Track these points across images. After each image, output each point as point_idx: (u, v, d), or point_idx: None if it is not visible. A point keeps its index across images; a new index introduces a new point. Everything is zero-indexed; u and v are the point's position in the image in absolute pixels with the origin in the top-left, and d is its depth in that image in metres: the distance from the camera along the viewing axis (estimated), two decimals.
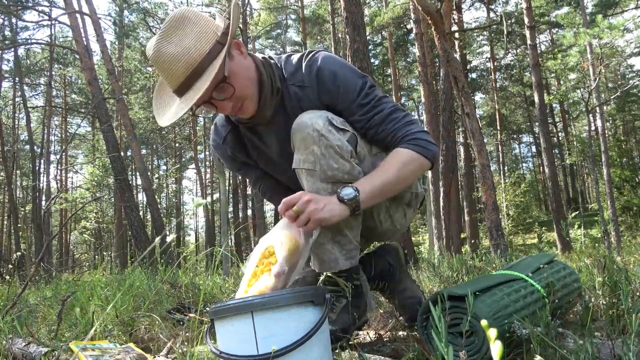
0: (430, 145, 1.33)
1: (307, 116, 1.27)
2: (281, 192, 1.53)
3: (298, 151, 1.29)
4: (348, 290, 1.36)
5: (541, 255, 1.48)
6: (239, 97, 1.27)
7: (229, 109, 1.28)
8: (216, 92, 1.23)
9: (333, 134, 1.25)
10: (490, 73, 25.87)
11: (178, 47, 1.16)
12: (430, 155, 1.32)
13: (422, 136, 1.33)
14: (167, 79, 1.20)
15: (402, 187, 1.36)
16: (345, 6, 6.04)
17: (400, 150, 1.32)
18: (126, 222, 13.25)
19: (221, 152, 1.54)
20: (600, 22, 11.18)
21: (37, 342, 1.41)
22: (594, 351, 0.94)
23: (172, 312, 1.91)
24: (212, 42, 1.19)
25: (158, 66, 1.19)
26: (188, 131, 27.43)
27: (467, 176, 16.25)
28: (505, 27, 13.56)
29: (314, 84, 1.33)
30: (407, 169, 1.30)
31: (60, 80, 22.88)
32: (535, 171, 34.72)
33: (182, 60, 1.16)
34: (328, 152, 1.24)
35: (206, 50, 1.17)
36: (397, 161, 1.30)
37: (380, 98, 1.35)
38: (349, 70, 1.34)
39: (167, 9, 20.83)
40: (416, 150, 1.31)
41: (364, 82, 1.34)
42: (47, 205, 16.38)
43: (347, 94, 1.32)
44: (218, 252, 2.05)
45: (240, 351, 0.97)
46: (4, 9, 12.65)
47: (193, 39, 1.17)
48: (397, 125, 1.34)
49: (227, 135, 1.49)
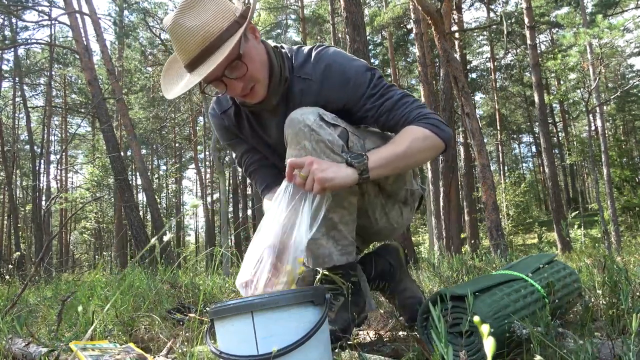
0: (445, 127, 1.31)
1: (299, 112, 1.28)
2: (265, 169, 1.54)
3: (290, 146, 1.29)
4: (345, 288, 1.34)
5: (541, 255, 1.48)
6: (251, 79, 1.27)
7: (239, 90, 1.28)
8: (229, 70, 1.23)
9: (324, 129, 1.25)
10: (490, 73, 25.87)
11: (196, 20, 1.17)
12: (444, 136, 1.30)
13: (436, 117, 1.32)
14: (181, 51, 1.21)
15: (413, 163, 1.32)
16: (345, 6, 6.04)
17: (412, 127, 1.30)
18: (126, 222, 13.25)
19: (217, 122, 1.54)
20: (600, 22, 11.18)
21: (37, 342, 1.41)
22: (594, 351, 0.94)
23: (172, 312, 1.91)
24: (230, 20, 1.20)
25: (174, 38, 1.20)
26: (188, 131, 27.43)
27: (467, 176, 16.24)
28: (505, 27, 13.54)
29: (319, 79, 1.34)
30: (418, 145, 1.27)
31: (60, 80, 22.87)
32: (535, 171, 34.72)
33: (199, 33, 1.17)
34: (319, 147, 1.24)
35: (224, 27, 1.18)
36: (408, 135, 1.28)
37: (389, 86, 1.36)
38: (358, 64, 1.35)
39: (167, 9, 20.84)
40: (430, 129, 1.29)
41: (373, 74, 1.35)
42: (47, 205, 16.39)
43: (357, 87, 1.33)
44: (218, 252, 2.05)
45: (240, 351, 0.97)
46: (4, 9, 12.65)
47: (212, 14, 1.18)
48: (409, 108, 1.33)
49: (229, 109, 1.50)
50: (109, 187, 22.07)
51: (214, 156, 19.46)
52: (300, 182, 1.17)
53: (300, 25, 23.92)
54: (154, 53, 20.00)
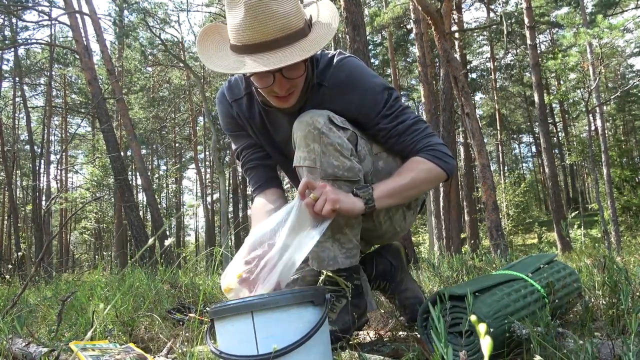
0: (449, 159, 1.37)
1: (308, 115, 1.28)
2: (262, 168, 1.54)
3: (299, 149, 1.29)
4: (348, 290, 1.35)
5: (541, 255, 1.48)
6: (298, 84, 1.27)
7: (284, 89, 1.25)
8: (289, 68, 1.20)
9: (333, 132, 1.26)
10: (490, 73, 25.87)
11: (281, 7, 1.14)
12: (448, 168, 1.36)
13: (442, 149, 1.37)
14: (252, 30, 1.14)
15: (416, 193, 1.39)
16: (345, 6, 6.04)
17: (417, 159, 1.36)
18: (126, 222, 13.25)
19: (225, 109, 1.51)
20: (600, 22, 11.19)
21: (37, 342, 1.41)
22: (594, 351, 0.94)
23: (172, 312, 1.91)
24: (303, 22, 1.20)
25: (250, 14, 1.12)
26: (188, 131, 27.44)
27: (467, 176, 16.25)
28: (505, 27, 13.55)
29: (337, 88, 1.34)
30: (422, 177, 1.34)
31: (60, 80, 22.87)
32: (535, 171, 34.74)
33: (281, 20, 1.14)
34: (328, 150, 1.25)
35: (300, 26, 1.18)
36: (413, 168, 1.35)
37: (404, 109, 1.39)
38: (377, 82, 1.36)
39: (167, 9, 20.85)
40: (434, 161, 1.35)
41: (390, 94, 1.37)
42: (47, 205, 16.38)
43: (374, 105, 1.35)
44: (218, 252, 2.05)
45: (240, 351, 0.97)
46: (4, 9, 12.65)
47: (294, 8, 1.17)
48: (419, 136, 1.37)
49: (241, 99, 1.47)
50: (109, 187, 22.08)
51: (214, 156, 19.45)
52: (310, 202, 1.17)
53: None
54: (154, 53, 19.99)
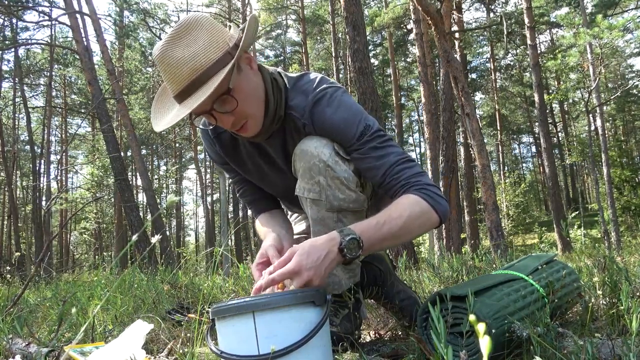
0: (443, 201, 1.23)
1: (313, 144, 1.24)
2: (260, 198, 1.55)
3: (302, 179, 1.27)
4: (350, 302, 1.40)
5: (541, 255, 1.48)
6: (241, 114, 1.21)
7: (229, 124, 1.22)
8: (218, 104, 1.17)
9: (339, 165, 1.24)
10: (490, 73, 25.89)
11: (186, 51, 1.11)
12: (441, 211, 1.22)
13: (435, 190, 1.23)
14: (169, 82, 1.15)
15: (405, 240, 1.26)
16: (345, 6, 6.05)
17: (411, 197, 1.20)
18: (126, 222, 13.25)
19: (208, 144, 1.48)
20: (600, 22, 11.19)
21: (38, 342, 1.41)
22: (594, 351, 0.94)
23: (172, 313, 1.91)
24: (222, 51, 1.13)
25: (162, 68, 1.14)
26: (188, 131, 27.42)
27: (467, 176, 16.24)
28: (505, 27, 13.55)
29: (311, 126, 1.28)
30: (415, 222, 1.19)
31: (60, 81, 22.87)
32: (535, 171, 34.74)
33: (187, 64, 1.11)
34: (334, 184, 1.24)
35: (214, 59, 1.12)
36: (405, 210, 1.18)
37: (386, 146, 1.26)
38: (354, 117, 1.25)
39: (167, 9, 20.89)
40: (428, 202, 1.20)
41: (366, 127, 1.25)
42: (47, 205, 16.38)
43: (351, 137, 1.25)
44: (218, 252, 2.05)
45: (241, 351, 0.97)
46: (4, 9, 12.65)
47: (203, 45, 1.12)
48: (409, 173, 1.24)
49: (223, 134, 1.43)
50: (109, 187, 22.07)
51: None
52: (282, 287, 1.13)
53: (300, 26, 23.93)
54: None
